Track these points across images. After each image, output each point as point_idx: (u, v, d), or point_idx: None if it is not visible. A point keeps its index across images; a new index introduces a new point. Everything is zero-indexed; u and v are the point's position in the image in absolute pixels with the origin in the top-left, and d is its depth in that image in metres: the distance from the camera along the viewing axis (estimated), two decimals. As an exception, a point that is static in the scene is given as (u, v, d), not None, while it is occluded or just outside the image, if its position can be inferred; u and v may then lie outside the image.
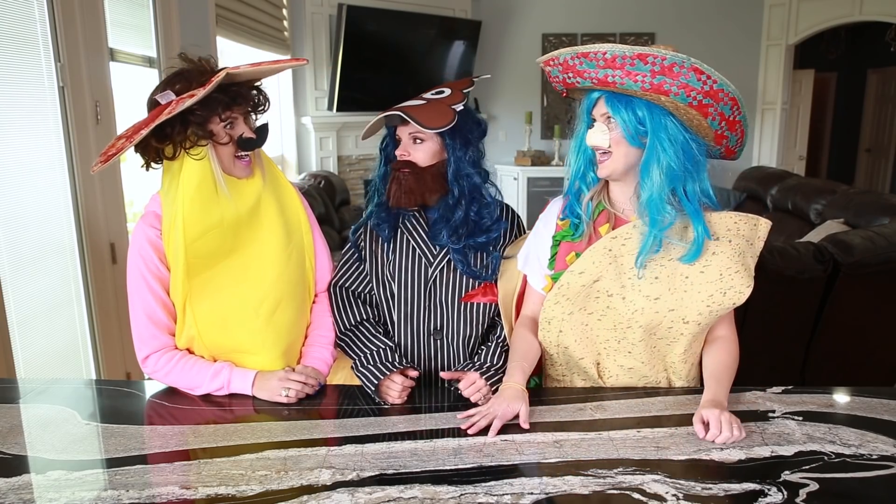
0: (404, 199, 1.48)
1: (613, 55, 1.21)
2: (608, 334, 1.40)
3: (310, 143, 5.59)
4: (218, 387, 1.42)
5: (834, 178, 7.55)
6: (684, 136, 1.29)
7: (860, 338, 2.82)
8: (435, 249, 1.52)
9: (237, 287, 1.43)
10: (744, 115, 1.33)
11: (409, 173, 1.47)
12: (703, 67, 1.22)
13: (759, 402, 1.34)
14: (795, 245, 2.65)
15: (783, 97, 6.76)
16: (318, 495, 1.03)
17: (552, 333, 1.42)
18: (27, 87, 2.28)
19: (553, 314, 1.40)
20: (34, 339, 2.30)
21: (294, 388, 1.40)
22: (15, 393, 1.43)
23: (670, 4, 6.76)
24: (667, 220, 1.29)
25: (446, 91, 1.49)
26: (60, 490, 1.05)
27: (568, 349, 1.42)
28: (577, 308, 1.38)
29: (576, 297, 1.37)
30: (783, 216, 4.79)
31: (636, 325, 1.36)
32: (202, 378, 1.42)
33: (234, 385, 1.43)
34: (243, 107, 1.37)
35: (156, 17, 3.16)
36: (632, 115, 1.28)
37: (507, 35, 6.93)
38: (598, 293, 1.37)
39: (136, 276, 1.40)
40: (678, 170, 1.28)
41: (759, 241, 1.38)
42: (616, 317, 1.37)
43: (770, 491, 1.02)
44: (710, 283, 1.33)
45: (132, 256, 1.41)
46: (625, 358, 1.41)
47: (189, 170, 1.34)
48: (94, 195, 2.57)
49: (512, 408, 1.26)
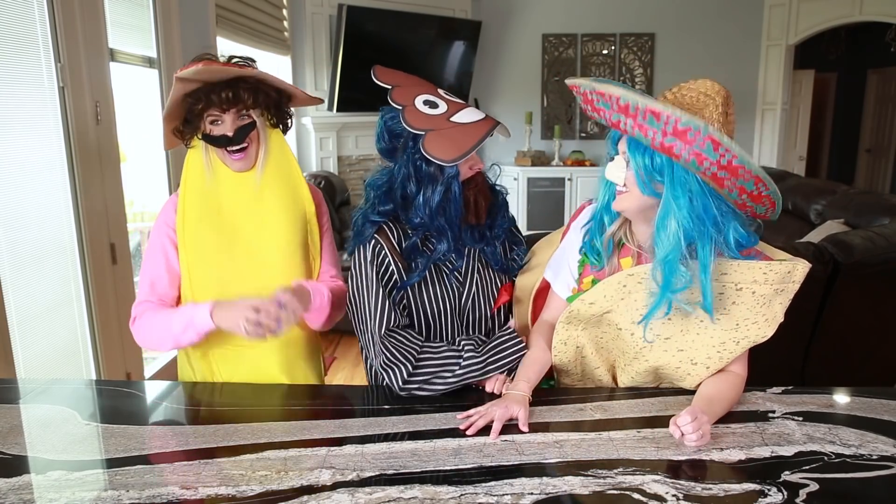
0: (483, 214, 1.45)
1: (626, 102, 1.12)
2: (620, 352, 1.39)
3: (310, 144, 5.59)
4: (183, 325, 1.39)
5: (834, 178, 7.56)
6: (706, 193, 1.16)
7: (860, 338, 2.82)
8: (461, 270, 1.46)
9: (238, 278, 1.47)
10: (772, 191, 1.18)
11: (485, 183, 1.45)
12: (721, 139, 1.09)
13: (759, 402, 1.34)
14: (795, 245, 2.65)
15: (783, 97, 6.76)
16: (318, 495, 1.03)
17: (569, 353, 1.39)
18: (27, 87, 2.28)
19: (567, 335, 1.37)
20: (34, 339, 2.30)
21: (254, 329, 1.31)
22: (15, 393, 1.43)
23: (670, 4, 6.76)
24: (680, 284, 1.19)
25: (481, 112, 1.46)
26: (60, 490, 1.05)
27: (585, 359, 1.41)
28: (591, 326, 1.36)
29: (587, 323, 1.35)
30: (783, 216, 4.79)
31: (643, 359, 1.35)
32: (170, 322, 1.42)
33: (196, 319, 1.39)
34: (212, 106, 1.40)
35: (156, 17, 3.16)
36: (648, 162, 1.18)
37: (507, 35, 6.93)
38: (609, 323, 1.34)
39: (153, 242, 1.50)
40: (695, 229, 1.18)
41: (794, 285, 1.26)
42: (624, 346, 1.36)
43: (770, 491, 1.02)
44: (725, 332, 1.27)
45: (155, 224, 1.51)
46: (640, 366, 1.37)
47: (189, 157, 1.49)
48: (94, 195, 2.57)
49: (511, 410, 1.25)
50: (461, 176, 1.39)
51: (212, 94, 1.38)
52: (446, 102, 1.42)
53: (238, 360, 1.51)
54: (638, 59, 6.92)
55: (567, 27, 6.90)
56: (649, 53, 6.89)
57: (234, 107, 1.40)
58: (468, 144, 1.33)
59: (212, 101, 1.38)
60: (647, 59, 6.90)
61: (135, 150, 3.28)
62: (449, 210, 1.38)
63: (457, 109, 1.41)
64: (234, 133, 1.42)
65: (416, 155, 1.37)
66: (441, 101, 1.42)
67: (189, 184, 1.48)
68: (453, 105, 1.42)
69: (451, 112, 1.39)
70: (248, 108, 1.42)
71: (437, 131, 1.35)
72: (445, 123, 1.36)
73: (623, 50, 6.91)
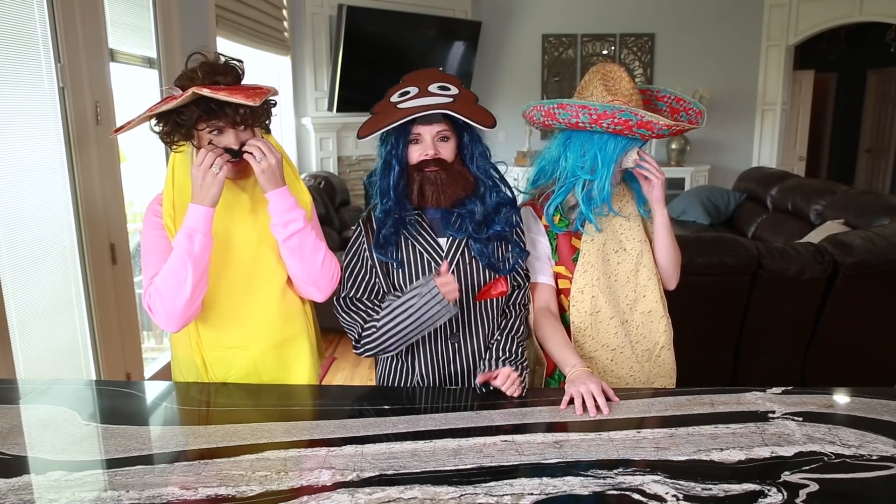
0: (443, 199, 1.44)
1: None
2: (627, 290, 1.59)
3: (310, 144, 5.59)
4: (185, 236, 1.37)
5: (834, 178, 7.56)
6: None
7: (860, 338, 2.82)
8: (441, 250, 1.49)
9: (232, 279, 1.47)
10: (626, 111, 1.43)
11: (441, 171, 1.43)
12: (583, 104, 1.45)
13: (759, 402, 1.34)
14: (795, 246, 2.65)
15: (783, 98, 6.76)
16: (318, 496, 1.03)
17: (586, 302, 1.56)
18: (27, 87, 2.28)
19: (584, 283, 1.56)
20: (34, 339, 2.30)
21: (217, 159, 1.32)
22: (15, 393, 1.43)
23: (670, 5, 6.76)
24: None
25: (452, 88, 1.45)
26: (60, 491, 1.05)
27: (599, 313, 1.57)
28: (601, 273, 1.57)
29: (596, 261, 1.56)
30: (783, 217, 4.79)
31: (642, 267, 1.60)
32: (172, 255, 1.38)
33: (188, 221, 1.37)
34: (223, 120, 1.37)
35: (156, 17, 3.16)
36: None
37: (507, 35, 6.94)
38: (608, 253, 1.59)
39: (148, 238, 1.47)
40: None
41: None
42: (627, 267, 1.59)
43: (770, 491, 1.02)
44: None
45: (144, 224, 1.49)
46: (642, 304, 1.59)
47: (176, 160, 1.48)
48: (94, 195, 2.57)
49: (596, 381, 1.35)
50: (411, 160, 1.44)
51: (227, 109, 1.36)
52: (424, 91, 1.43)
53: (232, 361, 1.51)
54: (638, 59, 6.92)
55: (567, 27, 6.90)
56: (649, 54, 6.90)
57: (246, 124, 1.40)
58: (382, 123, 1.38)
59: (227, 115, 1.37)
60: (646, 59, 6.90)
61: (135, 151, 3.28)
62: (391, 191, 1.44)
63: (422, 96, 1.42)
64: (239, 147, 1.40)
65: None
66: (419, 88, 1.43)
67: (177, 185, 1.46)
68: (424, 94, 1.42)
69: (412, 98, 1.42)
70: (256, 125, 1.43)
71: (377, 114, 1.43)
72: (388, 106, 1.42)
73: (623, 50, 6.91)
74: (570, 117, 1.48)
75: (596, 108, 1.43)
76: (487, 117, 1.43)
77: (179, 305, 1.38)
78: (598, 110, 1.43)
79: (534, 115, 1.58)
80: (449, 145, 1.45)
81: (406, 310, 1.40)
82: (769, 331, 2.73)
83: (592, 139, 1.52)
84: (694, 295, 2.55)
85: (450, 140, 1.45)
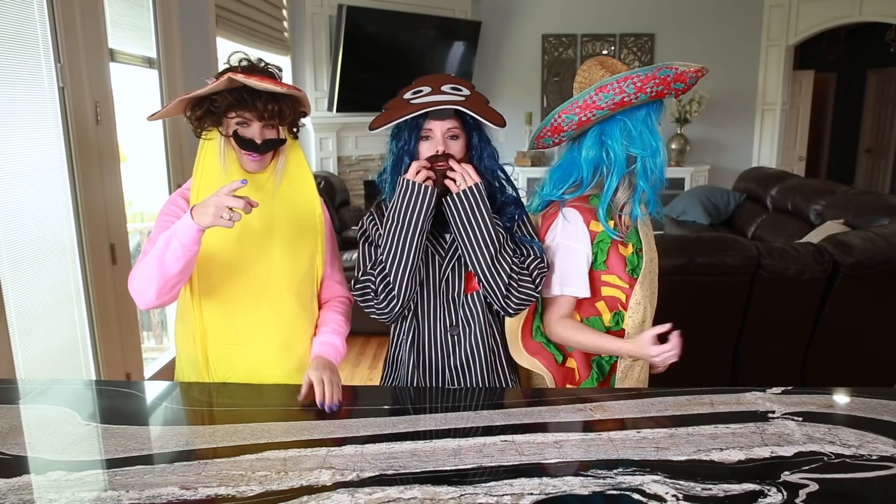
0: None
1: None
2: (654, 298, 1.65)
3: (310, 144, 5.59)
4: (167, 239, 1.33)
5: (834, 178, 7.55)
6: None
7: (860, 338, 2.82)
8: (445, 244, 1.51)
9: (242, 275, 1.49)
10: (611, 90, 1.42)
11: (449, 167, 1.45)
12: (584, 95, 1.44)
13: (759, 402, 1.34)
14: (795, 246, 2.65)
15: (783, 98, 6.76)
16: (318, 496, 1.03)
17: (639, 313, 1.55)
18: (27, 87, 2.28)
19: (641, 294, 1.55)
20: (34, 339, 2.30)
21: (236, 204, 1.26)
22: (15, 393, 1.43)
23: (670, 5, 6.76)
24: None
25: (464, 89, 1.46)
26: (60, 491, 1.05)
27: (645, 322, 1.57)
28: (650, 292, 1.60)
29: (644, 278, 1.55)
30: (783, 217, 4.79)
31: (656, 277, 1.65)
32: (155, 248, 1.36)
33: (178, 227, 1.33)
34: (251, 112, 1.41)
35: (156, 17, 3.16)
36: None
37: (507, 35, 6.94)
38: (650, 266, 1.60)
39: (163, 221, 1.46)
40: None
41: None
42: (654, 276, 1.64)
43: (770, 491, 1.02)
44: None
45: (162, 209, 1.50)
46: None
47: (205, 147, 1.50)
48: (94, 195, 2.57)
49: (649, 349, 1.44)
50: (421, 155, 1.46)
51: (257, 102, 1.39)
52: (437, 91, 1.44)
53: (237, 359, 1.51)
54: (638, 59, 6.92)
55: (567, 27, 6.90)
56: (649, 54, 6.90)
57: (274, 120, 1.43)
58: (395, 115, 1.41)
59: (256, 108, 1.40)
60: (646, 59, 6.90)
61: (134, 151, 3.27)
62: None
63: (435, 94, 1.43)
64: (261, 142, 1.44)
65: None
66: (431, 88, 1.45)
67: (205, 172, 1.49)
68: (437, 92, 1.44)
69: (424, 95, 1.43)
70: (282, 123, 1.46)
71: (389, 109, 1.45)
72: (401, 102, 1.44)
73: (623, 50, 6.91)
74: (614, 96, 1.41)
75: (639, 75, 1.38)
76: (498, 117, 1.45)
77: (146, 298, 1.40)
78: (641, 75, 1.38)
79: (562, 120, 1.50)
80: (459, 143, 1.47)
81: (391, 215, 1.43)
82: (769, 331, 2.73)
83: (627, 120, 1.47)
84: (694, 295, 2.56)
85: (460, 138, 1.47)
